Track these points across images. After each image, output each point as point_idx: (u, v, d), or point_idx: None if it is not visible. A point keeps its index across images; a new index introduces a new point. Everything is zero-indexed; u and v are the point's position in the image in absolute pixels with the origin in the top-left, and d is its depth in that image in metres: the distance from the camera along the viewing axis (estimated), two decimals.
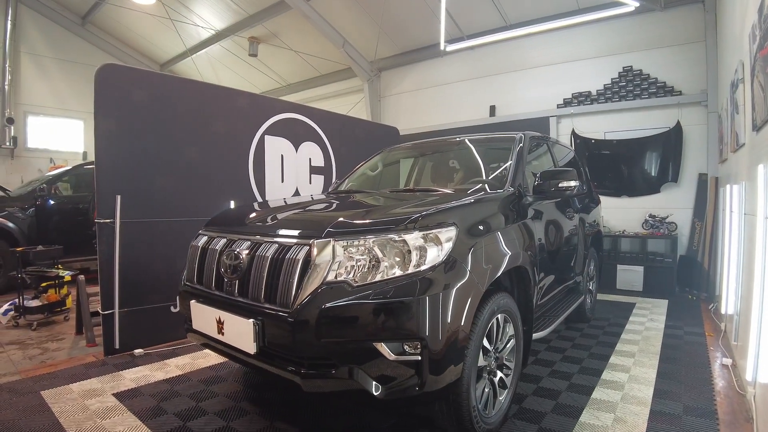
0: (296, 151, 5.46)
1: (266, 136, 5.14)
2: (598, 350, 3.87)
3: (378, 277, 1.97)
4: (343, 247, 2.02)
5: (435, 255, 2.04)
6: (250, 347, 2.13)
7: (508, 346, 2.60)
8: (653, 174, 6.58)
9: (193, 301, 2.56)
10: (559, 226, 3.63)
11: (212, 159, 4.58)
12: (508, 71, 7.94)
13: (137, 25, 10.77)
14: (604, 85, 6.93)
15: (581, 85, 7.15)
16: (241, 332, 2.17)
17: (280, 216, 2.57)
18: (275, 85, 11.86)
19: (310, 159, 5.69)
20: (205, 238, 2.68)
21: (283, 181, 5.29)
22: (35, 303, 4.95)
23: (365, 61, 9.55)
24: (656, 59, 6.53)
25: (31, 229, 6.84)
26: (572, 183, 3.12)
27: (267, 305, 2.12)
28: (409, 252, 2.02)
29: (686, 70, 6.34)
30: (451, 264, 2.06)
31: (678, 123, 6.33)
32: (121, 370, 3.52)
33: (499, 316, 2.45)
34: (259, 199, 5.02)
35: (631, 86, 6.70)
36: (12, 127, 9.68)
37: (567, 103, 7.24)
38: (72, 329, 4.64)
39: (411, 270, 1.99)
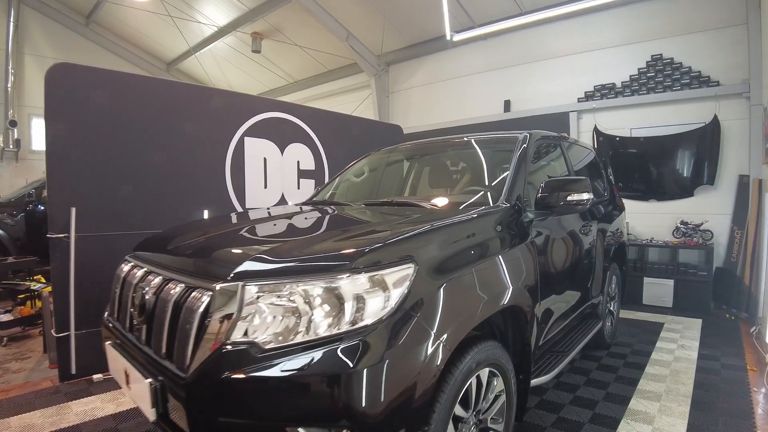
0: (282, 153, 5.00)
1: (246, 138, 4.70)
2: (617, 389, 3.27)
3: (298, 338, 1.46)
4: (255, 294, 1.51)
5: (379, 306, 1.52)
6: (149, 412, 1.66)
7: (495, 405, 2.07)
8: (686, 175, 5.85)
9: (107, 343, 2.12)
10: (571, 245, 3.06)
11: (183, 165, 4.17)
12: (524, 63, 7.29)
13: (141, 24, 10.52)
14: (630, 76, 6.23)
15: (604, 76, 6.46)
16: (141, 392, 1.71)
17: (202, 242, 2.08)
18: (282, 82, 11.47)
19: (298, 162, 5.23)
20: (128, 266, 2.23)
21: (266, 186, 4.84)
22: (6, 317, 4.66)
23: (372, 55, 9.02)
24: (689, 46, 5.80)
25: (20, 236, 6.61)
26: (584, 196, 2.54)
27: (167, 363, 1.65)
28: (343, 303, 1.50)
29: (724, 58, 5.59)
30: (404, 317, 1.54)
31: (715, 117, 5.59)
32: (71, 401, 3.19)
33: (482, 372, 1.92)
34: (238, 208, 4.59)
35: (660, 77, 5.98)
36: (15, 130, 9.55)
37: (588, 96, 6.56)
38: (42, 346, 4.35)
39: (345, 328, 1.47)
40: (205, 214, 4.29)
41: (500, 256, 2.14)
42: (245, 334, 1.48)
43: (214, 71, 11.57)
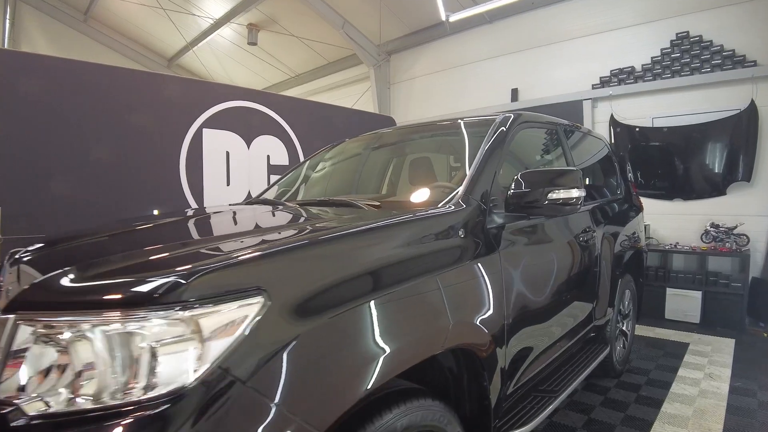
0: (248, 146, 4.48)
1: (205, 130, 4.21)
2: None
3: (71, 404, 0.92)
4: (31, 333, 0.98)
5: (183, 366, 0.95)
6: None
7: None
8: (717, 171, 5.07)
9: None
10: (563, 258, 2.43)
11: (129, 160, 3.72)
12: (532, 47, 6.59)
13: (138, 19, 10.19)
14: (652, 58, 5.47)
15: (622, 59, 5.71)
16: None
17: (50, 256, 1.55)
18: (284, 76, 11.00)
19: (268, 156, 4.70)
20: None
21: (229, 184, 4.33)
22: None
23: (371, 44, 8.44)
24: (721, 21, 5.01)
25: None
26: (573, 193, 1.91)
27: None
28: (136, 356, 0.94)
29: (763, 34, 4.79)
30: (224, 384, 0.96)
31: (752, 103, 4.80)
32: None
33: None
34: (194, 207, 4.08)
35: (687, 57, 5.21)
36: None
37: (604, 82, 5.83)
38: None
39: (134, 396, 0.91)
40: (155, 213, 3.81)
41: (438, 278, 1.53)
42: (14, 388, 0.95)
43: (214, 66, 11.19)
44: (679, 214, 5.29)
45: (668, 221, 5.35)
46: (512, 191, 1.94)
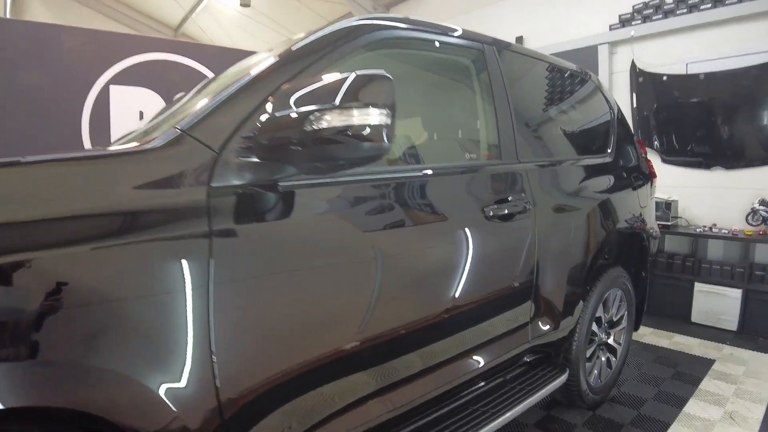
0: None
1: (113, 87, 3.56)
2: None
3: None
4: None
5: None
6: None
7: None
8: None
9: None
10: (404, 243, 1.49)
11: (21, 122, 3.18)
12: None
13: None
14: None
15: None
16: None
17: None
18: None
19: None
20: None
21: None
22: None
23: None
24: None
25: None
26: (371, 119, 1.02)
27: None
28: None
29: None
30: None
31: None
32: None
33: None
34: None
35: None
36: None
37: (625, 21, 4.59)
38: None
39: None
40: None
41: None
42: None
43: (217, 33, 10.63)
44: (718, 187, 4.08)
45: (704, 196, 4.15)
46: (261, 126, 1.08)
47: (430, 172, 1.60)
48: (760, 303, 3.59)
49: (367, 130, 1.01)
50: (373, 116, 1.01)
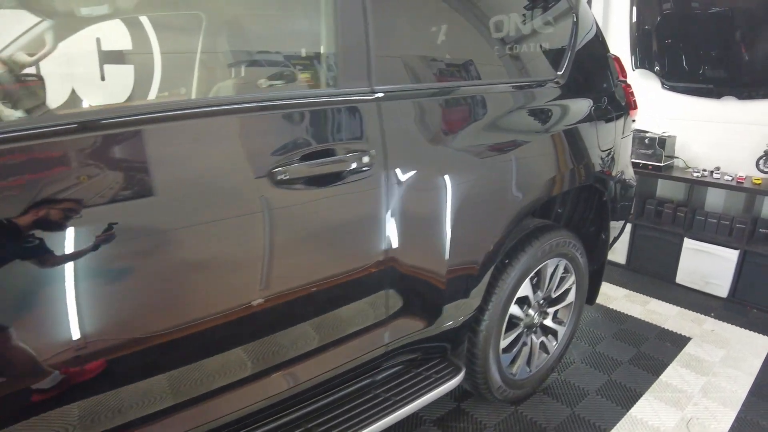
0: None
1: None
2: None
3: None
4: None
5: None
6: None
7: None
8: None
9: None
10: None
11: None
12: None
13: None
14: None
15: None
16: None
17: None
18: None
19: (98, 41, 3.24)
20: None
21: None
22: None
23: None
24: None
25: None
26: None
27: None
28: None
29: None
30: None
31: None
32: None
33: None
34: None
35: None
36: None
37: None
38: None
39: None
40: None
41: None
42: None
43: None
44: (727, 121, 3.29)
45: (708, 132, 3.38)
46: None
47: (154, 113, 0.94)
48: (759, 268, 2.94)
49: None
50: None
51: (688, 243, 3.19)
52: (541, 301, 1.99)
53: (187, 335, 1.00)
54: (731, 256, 3.00)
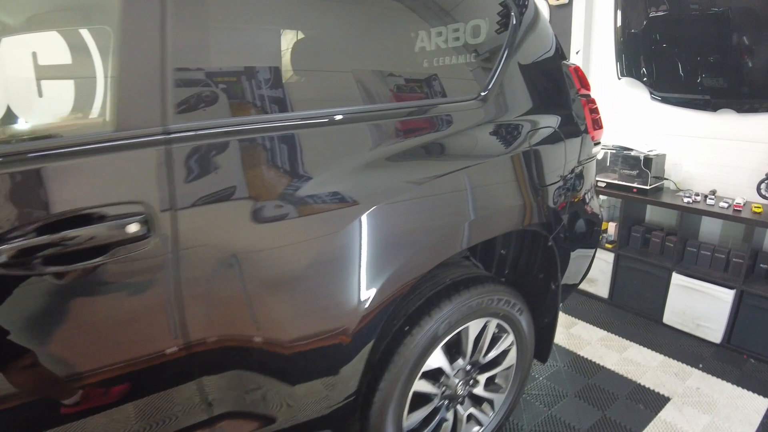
0: None
1: None
2: None
3: None
4: None
5: None
6: None
7: None
8: None
9: None
10: None
11: None
12: None
13: None
14: None
15: None
16: None
17: None
18: None
19: (34, 55, 2.98)
20: None
21: None
22: None
23: None
24: None
25: None
26: None
27: None
28: None
29: None
30: None
31: None
32: None
33: None
34: None
35: None
36: None
37: None
38: None
39: None
40: None
41: None
42: None
43: None
44: (724, 138, 2.86)
45: (702, 150, 2.96)
46: None
47: None
48: (758, 313, 2.51)
49: None
50: None
51: (677, 279, 2.77)
52: (468, 368, 1.63)
53: None
54: (726, 296, 2.57)
